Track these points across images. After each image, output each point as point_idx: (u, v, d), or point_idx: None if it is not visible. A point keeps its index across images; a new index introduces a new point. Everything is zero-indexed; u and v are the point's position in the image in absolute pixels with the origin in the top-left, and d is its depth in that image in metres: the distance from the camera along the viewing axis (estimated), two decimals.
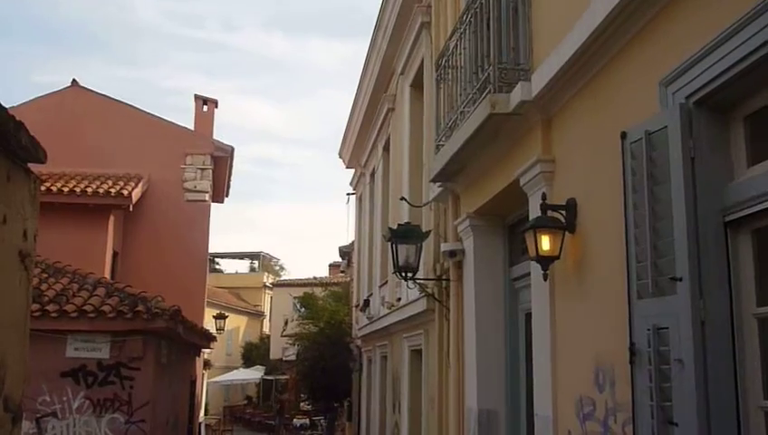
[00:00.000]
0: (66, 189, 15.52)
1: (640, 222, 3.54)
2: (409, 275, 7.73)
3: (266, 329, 45.30)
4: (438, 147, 7.06)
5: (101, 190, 15.78)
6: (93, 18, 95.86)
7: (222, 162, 20.04)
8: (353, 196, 19.13)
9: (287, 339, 30.40)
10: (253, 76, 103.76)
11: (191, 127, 19.90)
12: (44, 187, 14.12)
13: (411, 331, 10.10)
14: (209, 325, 21.10)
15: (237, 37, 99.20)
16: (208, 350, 20.58)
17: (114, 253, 16.55)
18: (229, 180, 21.64)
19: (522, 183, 5.35)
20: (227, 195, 22.50)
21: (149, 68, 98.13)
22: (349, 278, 24.39)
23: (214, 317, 24.62)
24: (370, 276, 14.93)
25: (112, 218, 16.16)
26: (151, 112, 19.39)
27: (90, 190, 15.68)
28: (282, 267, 58.71)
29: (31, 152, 2.46)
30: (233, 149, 20.14)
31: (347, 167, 18.78)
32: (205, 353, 21.47)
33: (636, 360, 3.54)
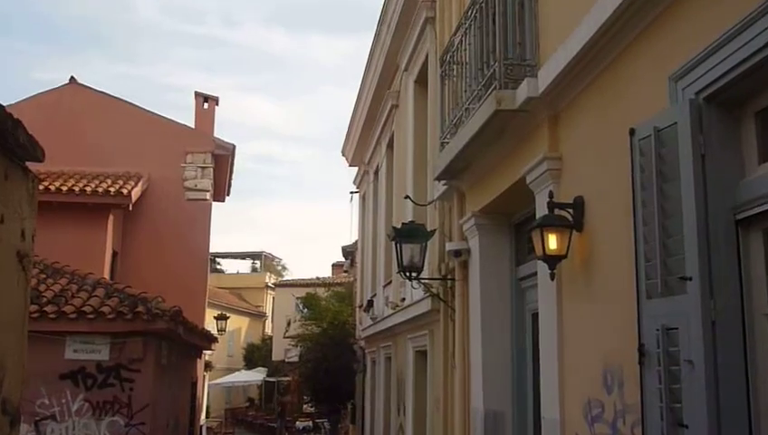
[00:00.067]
0: (65, 188, 15.46)
1: (649, 220, 3.50)
2: (414, 275, 7.68)
3: (268, 330, 45.18)
4: (443, 144, 7.00)
5: (101, 189, 15.74)
6: (94, 16, 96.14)
7: (223, 160, 19.93)
8: (357, 194, 19.04)
9: (290, 340, 30.45)
10: (253, 72, 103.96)
11: (191, 125, 19.76)
12: (43, 186, 14.07)
13: (416, 331, 10.05)
14: (210, 326, 21.03)
15: (238, 33, 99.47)
16: (209, 351, 20.57)
17: (114, 253, 16.49)
18: (230, 179, 21.56)
19: (528, 181, 5.31)
20: (228, 194, 22.41)
21: (149, 65, 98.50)
22: (352, 278, 24.39)
23: (215, 318, 24.56)
24: (374, 276, 14.85)
25: (112, 218, 16.11)
26: (151, 110, 19.34)
27: (89, 189, 15.63)
28: (284, 267, 58.93)
29: (29, 151, 2.44)
30: (234, 147, 20.04)
31: (350, 165, 18.66)
32: (206, 355, 21.47)
33: (645, 361, 3.50)
